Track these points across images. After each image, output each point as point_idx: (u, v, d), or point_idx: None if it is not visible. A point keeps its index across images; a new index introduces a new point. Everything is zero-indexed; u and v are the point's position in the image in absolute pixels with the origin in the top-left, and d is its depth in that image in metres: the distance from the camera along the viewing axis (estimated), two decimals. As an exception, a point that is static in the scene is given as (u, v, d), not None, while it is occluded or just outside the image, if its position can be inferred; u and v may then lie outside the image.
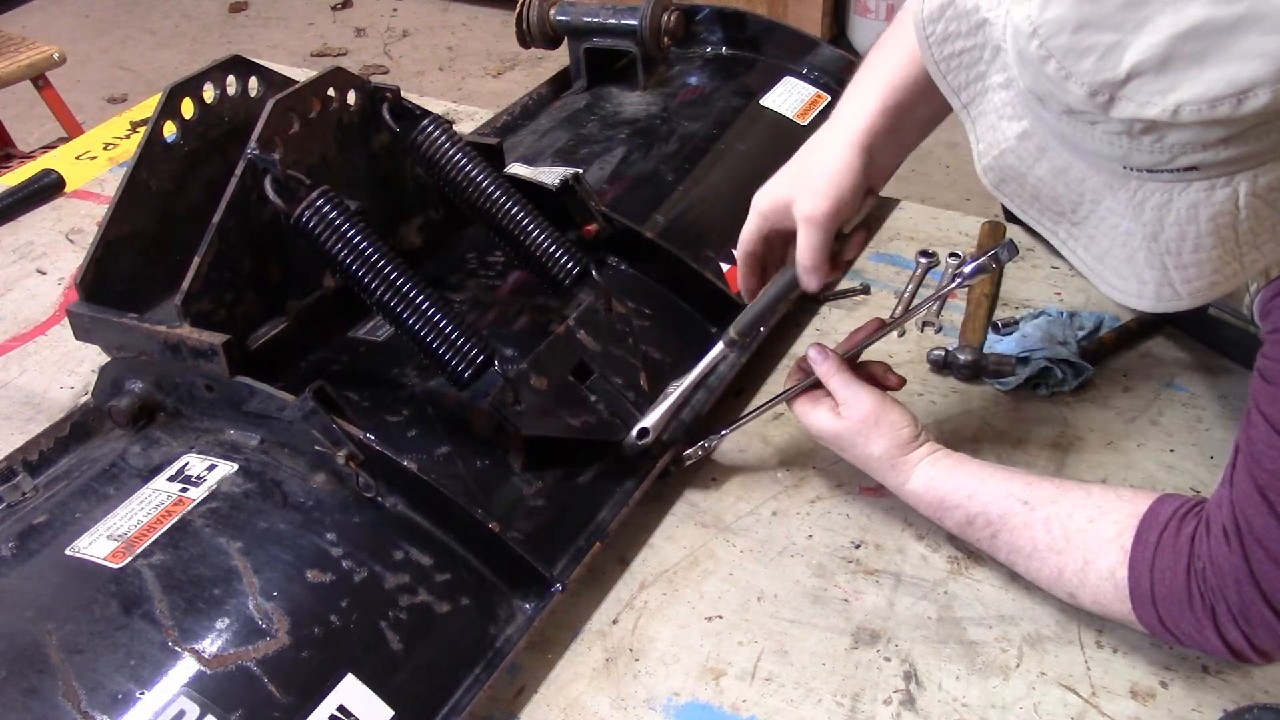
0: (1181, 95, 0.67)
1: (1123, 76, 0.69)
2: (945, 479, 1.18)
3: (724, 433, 1.33)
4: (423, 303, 1.15)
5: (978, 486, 1.16)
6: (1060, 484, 1.14)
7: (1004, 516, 1.14)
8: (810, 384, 1.26)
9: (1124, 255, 0.78)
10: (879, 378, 1.26)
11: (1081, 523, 1.09)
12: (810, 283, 1.16)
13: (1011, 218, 1.68)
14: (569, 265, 1.32)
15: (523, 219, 1.32)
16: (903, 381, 1.27)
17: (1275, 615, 0.95)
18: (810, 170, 1.15)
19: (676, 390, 1.29)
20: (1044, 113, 0.77)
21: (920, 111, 1.12)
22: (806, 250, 1.14)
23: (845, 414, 1.21)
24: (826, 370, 1.23)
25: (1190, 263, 0.76)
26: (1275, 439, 0.91)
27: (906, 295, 1.34)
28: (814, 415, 1.24)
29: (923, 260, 1.66)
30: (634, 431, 1.27)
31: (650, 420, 1.28)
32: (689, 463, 1.33)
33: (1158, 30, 0.66)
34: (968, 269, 1.15)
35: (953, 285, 1.20)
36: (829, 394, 1.23)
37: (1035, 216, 0.85)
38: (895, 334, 1.33)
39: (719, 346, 1.29)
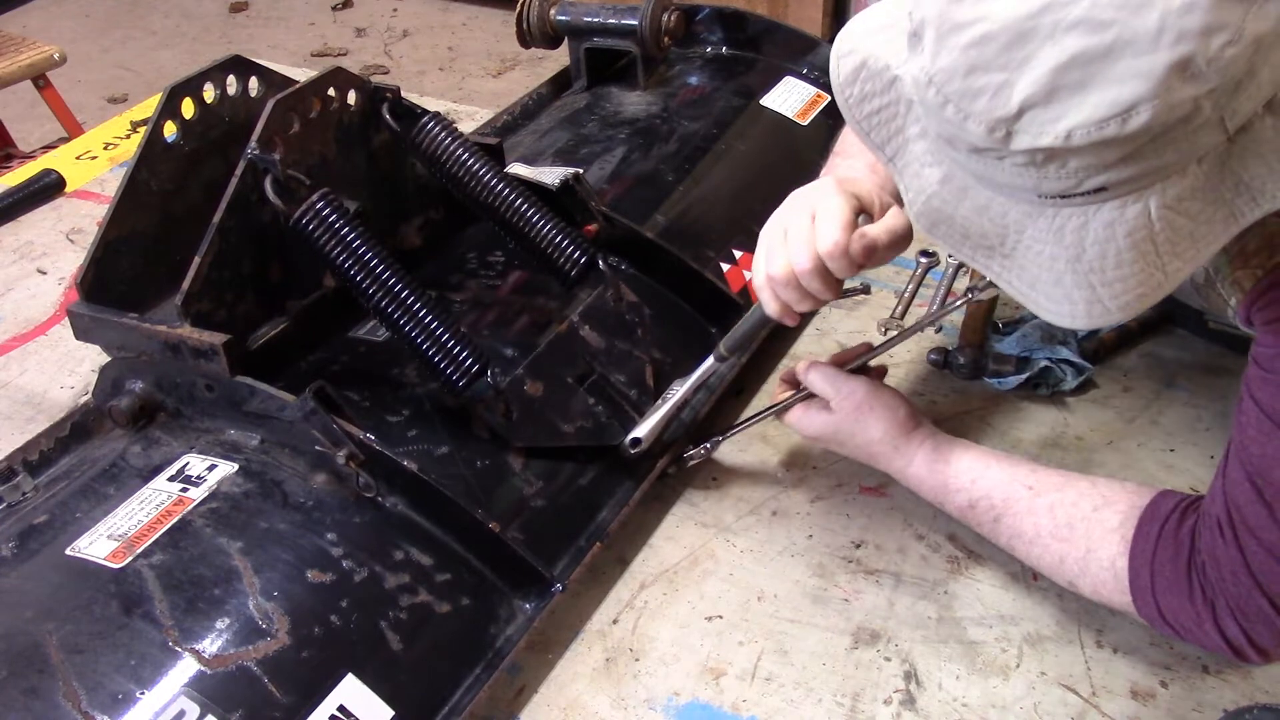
0: (1070, 122, 0.70)
1: (1015, 111, 0.72)
2: (949, 462, 1.18)
3: (719, 439, 1.33)
4: (418, 309, 1.15)
5: (982, 471, 1.17)
6: (1065, 473, 1.14)
7: (1008, 501, 1.14)
8: (803, 396, 1.27)
9: (1052, 279, 0.81)
10: (861, 371, 1.27)
11: (1086, 511, 1.09)
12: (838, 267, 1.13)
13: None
14: (577, 256, 1.32)
15: (528, 211, 1.32)
16: (884, 371, 1.30)
17: (1273, 609, 0.95)
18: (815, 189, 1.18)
19: (670, 400, 1.29)
20: (955, 154, 0.81)
21: None
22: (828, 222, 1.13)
23: (838, 406, 1.22)
24: (811, 373, 1.24)
25: (1115, 278, 0.79)
26: (1265, 423, 0.92)
27: (906, 295, 1.35)
28: (807, 418, 1.24)
29: (923, 260, 1.66)
30: (626, 439, 1.27)
31: (643, 430, 1.28)
32: (689, 465, 1.33)
33: (1040, 65, 0.70)
34: (981, 287, 1.14)
35: (956, 305, 1.18)
36: (818, 398, 1.24)
37: (969, 254, 0.87)
38: (895, 334, 1.32)
39: (709, 361, 1.30)
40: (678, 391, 1.30)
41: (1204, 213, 0.77)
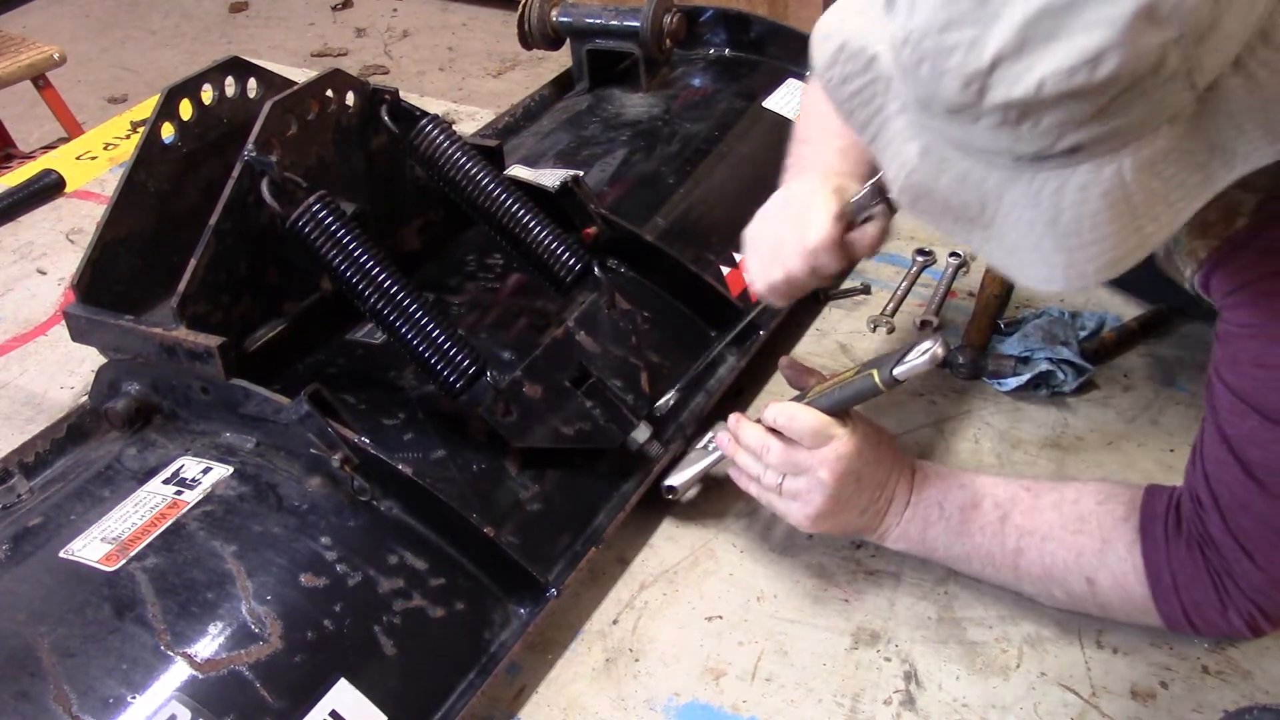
0: (1041, 71, 0.71)
1: (987, 65, 0.73)
2: (942, 476, 1.18)
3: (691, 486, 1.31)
4: (416, 311, 1.15)
5: (975, 474, 1.17)
6: (1051, 479, 1.16)
7: (1012, 498, 1.14)
8: (713, 461, 1.27)
9: (1031, 245, 0.82)
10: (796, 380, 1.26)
11: (1091, 505, 1.10)
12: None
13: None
14: (571, 262, 1.31)
15: (524, 216, 1.32)
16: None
17: (1267, 577, 1.00)
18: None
19: (711, 456, 1.28)
20: (932, 121, 0.82)
21: None
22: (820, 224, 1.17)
23: (810, 498, 1.15)
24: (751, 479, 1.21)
25: (1091, 241, 0.79)
26: (1236, 403, 0.96)
27: (900, 292, 1.34)
28: (791, 508, 1.18)
29: (919, 259, 1.66)
30: (662, 485, 1.28)
31: (679, 479, 1.28)
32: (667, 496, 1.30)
33: (1010, 18, 0.71)
34: (900, 369, 1.11)
35: (891, 378, 1.12)
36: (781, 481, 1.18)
37: (951, 227, 0.88)
38: (885, 331, 1.32)
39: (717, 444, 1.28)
40: (720, 434, 1.26)
41: (1177, 176, 0.78)
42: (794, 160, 1.34)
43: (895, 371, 1.09)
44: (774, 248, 1.21)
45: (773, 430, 1.16)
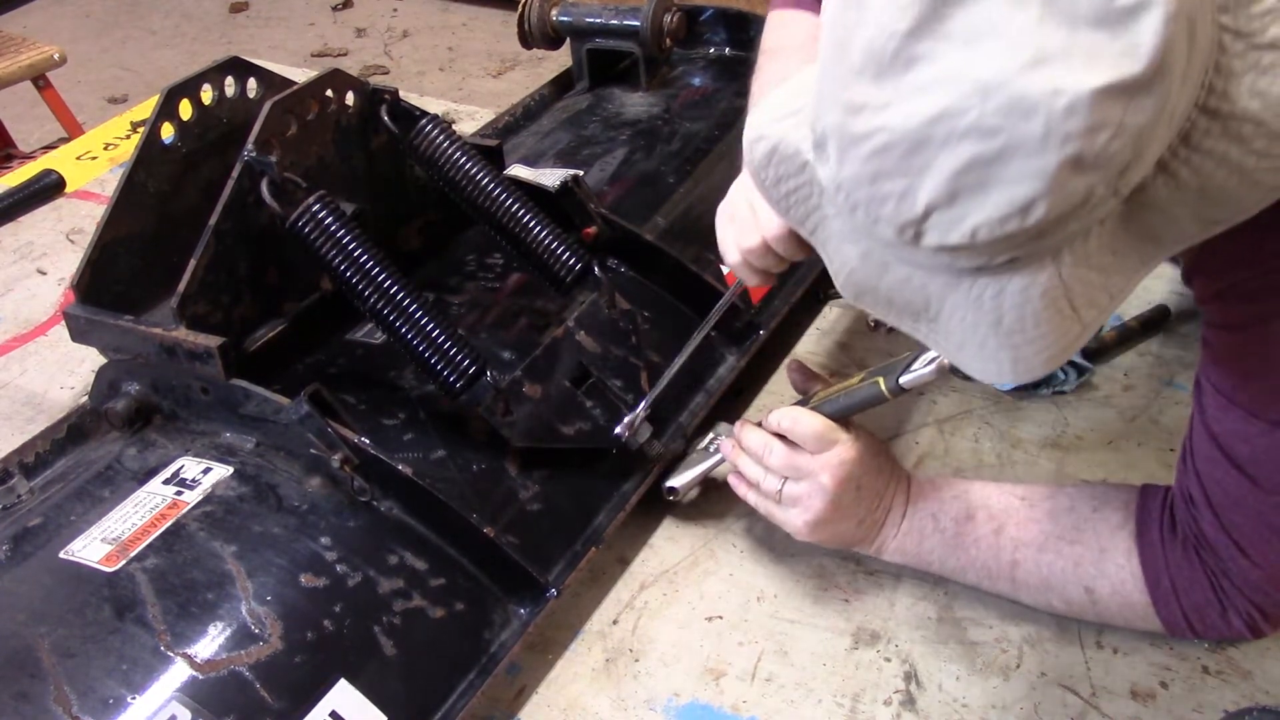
0: (974, 220, 0.72)
1: (920, 214, 0.74)
2: (937, 487, 1.18)
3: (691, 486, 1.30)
4: (415, 311, 1.15)
5: (970, 484, 1.17)
6: (1045, 484, 1.17)
7: (1006, 510, 1.14)
8: (715, 463, 1.27)
9: (977, 343, 0.84)
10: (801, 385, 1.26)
11: (1086, 512, 1.11)
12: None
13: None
14: (571, 262, 1.31)
15: (523, 216, 1.32)
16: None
17: (1263, 574, 1.01)
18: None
19: (714, 457, 1.28)
20: (871, 240, 0.83)
21: None
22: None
23: (810, 503, 1.15)
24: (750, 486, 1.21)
25: (1035, 336, 0.81)
26: (1218, 399, 1.00)
27: None
28: (790, 514, 1.18)
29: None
30: (663, 486, 1.28)
31: (680, 480, 1.28)
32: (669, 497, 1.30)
33: (940, 171, 0.72)
34: (907, 378, 1.11)
35: (897, 386, 1.13)
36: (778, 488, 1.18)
37: (897, 319, 0.89)
38: (885, 330, 1.31)
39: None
40: (723, 439, 1.26)
41: (1113, 263, 0.80)
42: (759, 82, 1.36)
43: (901, 380, 1.09)
44: (738, 225, 1.21)
45: (776, 434, 1.16)
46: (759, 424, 1.19)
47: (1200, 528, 1.03)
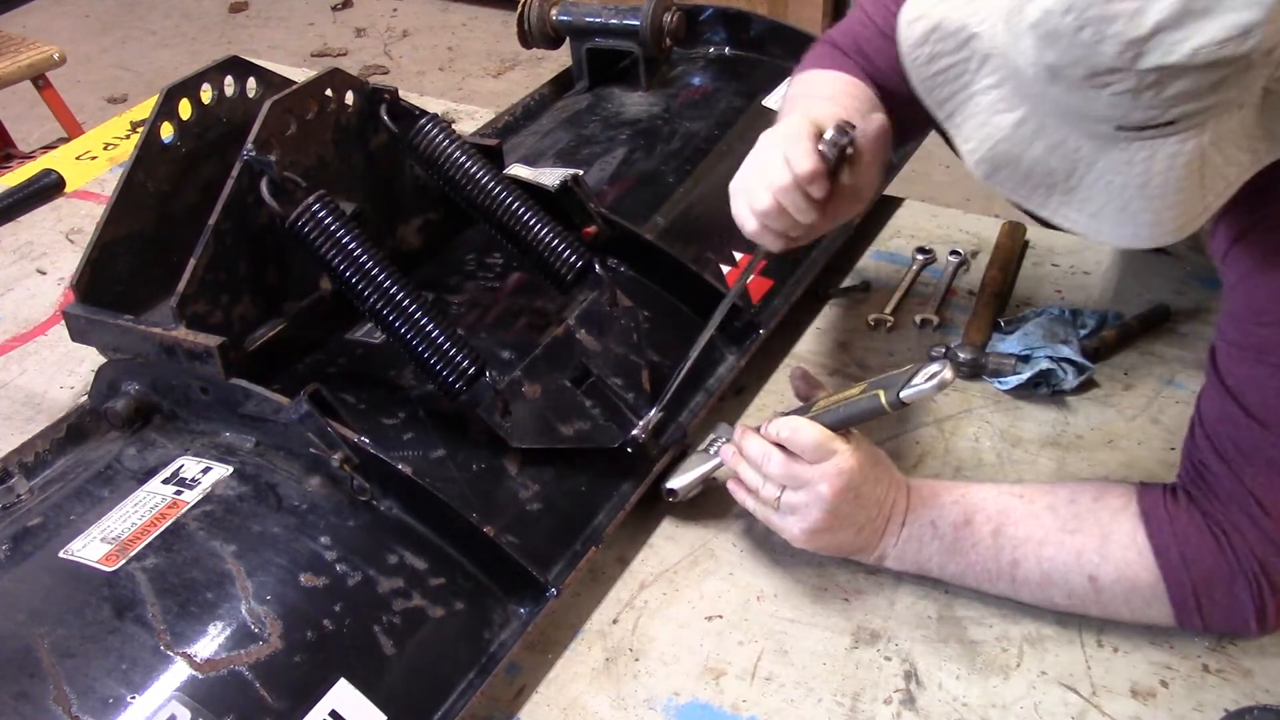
0: (1196, 41, 0.83)
1: (1146, 32, 0.84)
2: (936, 492, 1.18)
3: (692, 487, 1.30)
4: (415, 311, 1.15)
5: (967, 488, 1.18)
6: (1043, 482, 1.20)
7: (1004, 511, 1.14)
8: (715, 466, 1.27)
9: (1118, 206, 0.94)
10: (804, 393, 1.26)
11: (1087, 503, 1.12)
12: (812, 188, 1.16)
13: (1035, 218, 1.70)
14: (572, 260, 1.31)
15: (524, 214, 1.32)
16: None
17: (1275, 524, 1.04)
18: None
19: (714, 459, 1.27)
20: (1051, 89, 0.92)
21: None
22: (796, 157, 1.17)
23: (808, 512, 1.15)
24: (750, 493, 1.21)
25: (1174, 203, 0.92)
26: (1236, 353, 1.05)
27: (901, 291, 1.34)
28: (788, 521, 1.18)
29: (920, 257, 1.66)
30: (663, 488, 1.28)
31: (679, 482, 1.28)
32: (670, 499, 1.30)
33: None
34: (907, 392, 1.10)
35: (898, 400, 1.11)
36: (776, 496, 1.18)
37: (1026, 195, 0.99)
38: (886, 329, 1.31)
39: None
40: (725, 442, 1.26)
41: (1235, 155, 0.92)
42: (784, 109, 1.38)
43: (902, 395, 1.09)
44: (751, 192, 1.20)
45: (775, 443, 1.16)
46: (758, 428, 1.19)
47: (1214, 491, 1.06)
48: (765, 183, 1.18)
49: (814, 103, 1.30)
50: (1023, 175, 0.97)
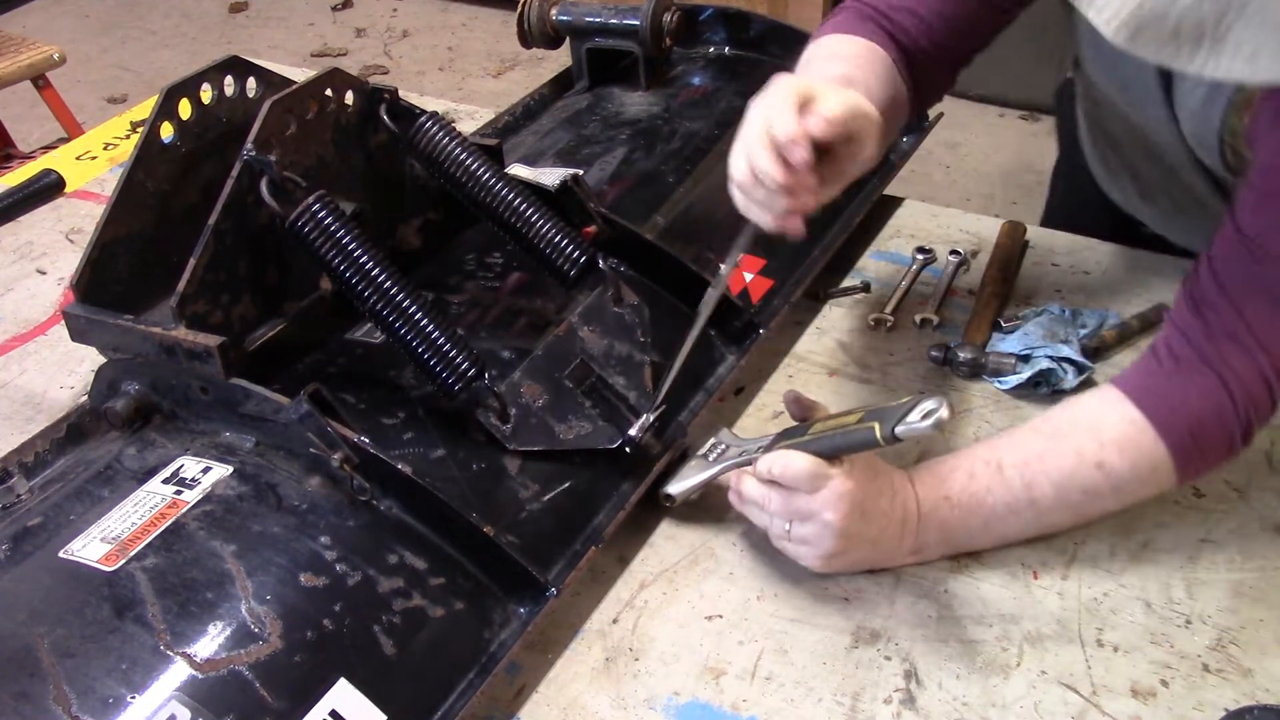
0: None
1: None
2: (934, 466, 1.21)
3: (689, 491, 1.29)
4: (414, 312, 1.15)
5: (960, 455, 1.21)
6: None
7: (994, 447, 1.19)
8: (714, 474, 1.26)
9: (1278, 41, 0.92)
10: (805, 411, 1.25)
11: (1070, 410, 1.19)
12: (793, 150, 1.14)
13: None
14: (576, 255, 1.31)
15: (526, 210, 1.31)
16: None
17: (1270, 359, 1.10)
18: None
19: (718, 465, 1.27)
20: None
21: None
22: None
23: (820, 542, 1.15)
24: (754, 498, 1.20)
25: None
26: (1239, 247, 1.10)
27: (900, 291, 1.34)
28: (802, 551, 1.18)
29: (920, 257, 1.66)
30: (660, 493, 1.27)
31: (678, 487, 1.28)
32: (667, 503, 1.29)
33: None
34: (902, 428, 1.08)
35: (892, 435, 1.09)
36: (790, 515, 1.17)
37: (1171, 54, 0.95)
38: (885, 329, 1.31)
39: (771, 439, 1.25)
40: (725, 448, 1.27)
41: None
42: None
43: (897, 430, 1.08)
44: (740, 172, 1.18)
45: (770, 481, 1.16)
46: (752, 464, 1.19)
47: (1209, 325, 1.11)
48: (743, 149, 1.17)
49: (818, 66, 1.32)
50: (1170, 32, 0.94)
